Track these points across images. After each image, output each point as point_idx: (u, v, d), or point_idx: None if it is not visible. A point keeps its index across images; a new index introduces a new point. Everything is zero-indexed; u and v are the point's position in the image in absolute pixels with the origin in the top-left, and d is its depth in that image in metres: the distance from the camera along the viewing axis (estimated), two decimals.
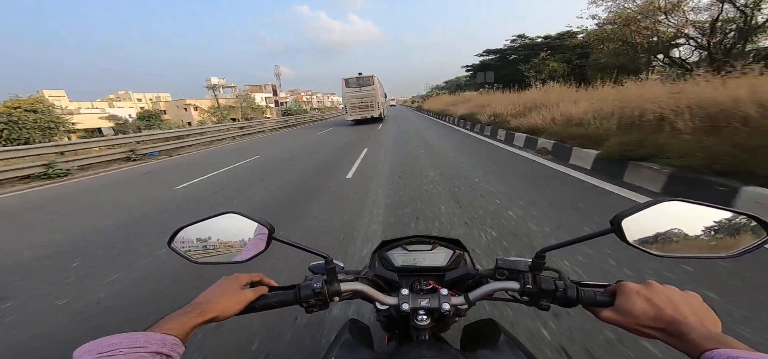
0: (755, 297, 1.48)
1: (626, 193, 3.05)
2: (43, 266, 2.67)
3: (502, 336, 0.57)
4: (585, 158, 4.22)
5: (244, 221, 0.54)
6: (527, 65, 20.82)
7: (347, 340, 0.60)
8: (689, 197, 0.43)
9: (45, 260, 2.79)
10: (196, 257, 0.55)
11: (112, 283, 2.24)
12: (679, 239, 0.43)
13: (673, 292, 0.42)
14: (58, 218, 4.29)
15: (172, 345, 0.37)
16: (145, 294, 2.08)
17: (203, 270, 0.58)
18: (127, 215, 4.00)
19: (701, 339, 0.34)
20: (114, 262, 2.59)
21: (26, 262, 2.79)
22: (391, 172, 5.06)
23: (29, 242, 3.32)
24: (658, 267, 1.73)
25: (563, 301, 0.50)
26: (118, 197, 5.35)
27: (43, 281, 2.39)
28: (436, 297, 0.56)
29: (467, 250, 0.71)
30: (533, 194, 3.28)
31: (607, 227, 0.44)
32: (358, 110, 18.55)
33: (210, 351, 1.46)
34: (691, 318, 0.38)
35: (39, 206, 5.22)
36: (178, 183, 5.84)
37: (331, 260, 0.55)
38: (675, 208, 0.43)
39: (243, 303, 0.50)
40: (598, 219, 2.53)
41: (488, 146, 6.96)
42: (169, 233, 0.55)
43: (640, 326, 0.41)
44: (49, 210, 4.81)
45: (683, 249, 0.44)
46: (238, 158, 8.75)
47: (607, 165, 3.76)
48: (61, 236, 3.42)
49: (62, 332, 1.77)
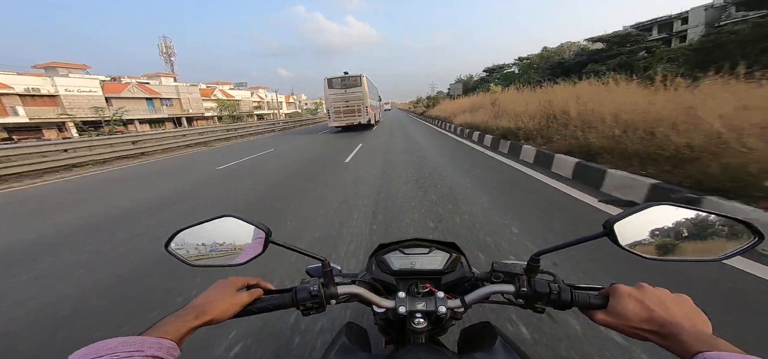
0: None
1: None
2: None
3: (498, 339, 0.57)
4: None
5: (241, 225, 0.54)
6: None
7: (344, 344, 0.60)
8: (677, 202, 0.44)
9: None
10: (193, 261, 0.55)
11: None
12: (669, 242, 0.44)
13: (664, 294, 0.42)
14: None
15: (169, 348, 0.37)
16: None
17: (202, 270, 0.57)
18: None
19: (693, 341, 0.34)
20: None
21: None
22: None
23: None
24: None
25: (558, 304, 0.50)
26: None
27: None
28: (432, 300, 0.57)
29: (464, 253, 0.72)
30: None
31: (599, 230, 0.45)
32: (342, 114, 15.83)
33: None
34: (682, 320, 0.39)
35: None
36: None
37: (328, 263, 0.55)
38: (665, 212, 0.44)
39: (239, 306, 0.50)
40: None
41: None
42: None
43: (633, 328, 0.41)
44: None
45: (674, 252, 0.45)
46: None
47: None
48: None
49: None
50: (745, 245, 0.42)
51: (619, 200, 2.99)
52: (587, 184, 3.52)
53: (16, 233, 3.65)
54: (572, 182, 3.71)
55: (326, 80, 15.82)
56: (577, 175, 3.79)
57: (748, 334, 1.33)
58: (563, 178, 3.91)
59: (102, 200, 5.01)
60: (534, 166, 4.73)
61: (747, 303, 1.50)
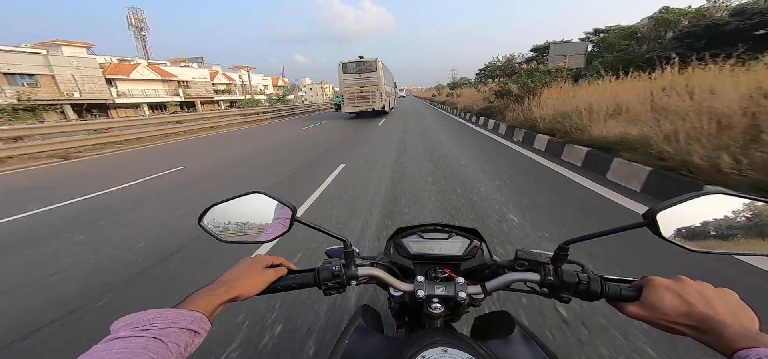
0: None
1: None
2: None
3: (517, 328, 0.56)
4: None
5: (268, 202, 0.55)
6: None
7: (360, 324, 0.62)
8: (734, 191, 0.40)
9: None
10: (223, 236, 0.57)
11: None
12: (720, 234, 0.40)
13: (706, 288, 0.40)
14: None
15: (200, 321, 0.39)
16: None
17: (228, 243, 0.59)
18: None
19: (736, 337, 0.32)
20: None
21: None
22: None
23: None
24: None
25: (586, 294, 0.48)
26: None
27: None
28: (452, 286, 0.56)
29: (485, 240, 0.70)
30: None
31: (638, 220, 0.42)
32: (356, 100, 15.64)
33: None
34: (725, 315, 0.36)
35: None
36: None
37: (350, 244, 0.56)
38: (717, 201, 0.40)
39: (264, 283, 0.52)
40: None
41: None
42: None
43: (669, 322, 0.39)
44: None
45: (725, 245, 0.41)
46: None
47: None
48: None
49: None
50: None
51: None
52: None
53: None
54: None
55: (341, 65, 15.55)
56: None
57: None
58: None
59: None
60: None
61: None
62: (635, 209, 2.75)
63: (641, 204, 2.83)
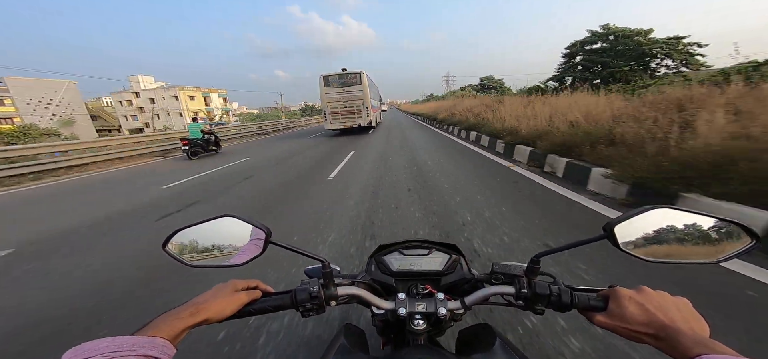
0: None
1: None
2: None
3: (498, 341, 0.57)
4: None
5: (240, 225, 0.53)
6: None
7: (342, 345, 0.59)
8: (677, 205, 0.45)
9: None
10: (191, 261, 0.54)
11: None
12: (668, 244, 0.45)
13: (664, 298, 0.42)
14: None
15: (162, 347, 0.36)
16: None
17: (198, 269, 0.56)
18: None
19: (691, 344, 0.35)
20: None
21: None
22: None
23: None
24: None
25: (558, 305, 0.50)
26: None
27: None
28: (432, 302, 0.56)
29: (463, 255, 0.72)
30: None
31: (599, 233, 0.45)
32: (340, 116, 14.22)
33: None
34: (681, 323, 0.39)
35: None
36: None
37: (328, 264, 0.55)
38: (664, 215, 0.44)
39: (236, 306, 0.50)
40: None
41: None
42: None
43: (632, 331, 0.41)
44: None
45: (672, 255, 0.45)
46: None
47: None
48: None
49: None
50: (742, 248, 0.42)
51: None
52: None
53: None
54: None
55: (322, 78, 14.09)
56: None
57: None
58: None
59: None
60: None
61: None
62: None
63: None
